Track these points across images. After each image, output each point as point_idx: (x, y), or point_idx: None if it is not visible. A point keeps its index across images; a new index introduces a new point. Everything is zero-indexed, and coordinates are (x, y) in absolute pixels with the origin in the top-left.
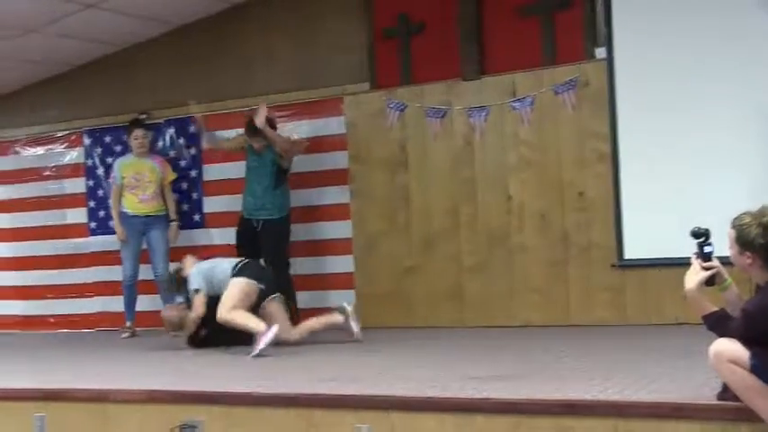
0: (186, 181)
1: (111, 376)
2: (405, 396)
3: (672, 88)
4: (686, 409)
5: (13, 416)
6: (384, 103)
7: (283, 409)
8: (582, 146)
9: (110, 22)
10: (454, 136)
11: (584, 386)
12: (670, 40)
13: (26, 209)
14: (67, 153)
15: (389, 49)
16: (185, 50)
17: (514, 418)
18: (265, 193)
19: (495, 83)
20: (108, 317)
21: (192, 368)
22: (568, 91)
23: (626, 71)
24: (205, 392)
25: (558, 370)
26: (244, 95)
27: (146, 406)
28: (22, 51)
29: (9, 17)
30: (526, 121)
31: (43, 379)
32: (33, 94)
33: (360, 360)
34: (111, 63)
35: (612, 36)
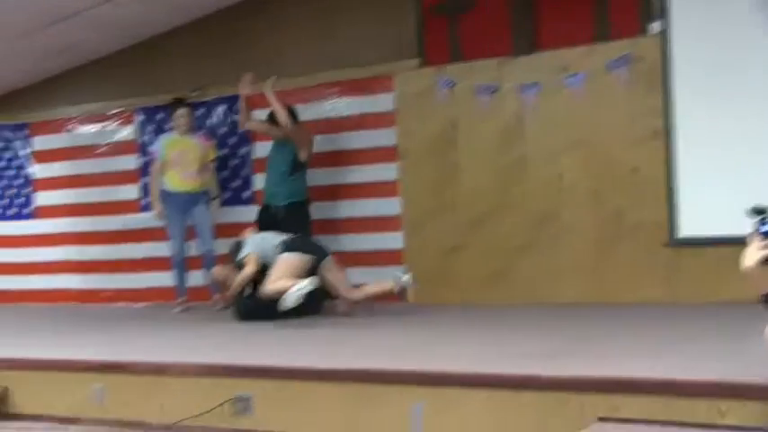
0: (236, 158)
1: (166, 350)
2: (455, 372)
3: (728, 63)
4: (739, 389)
5: (73, 386)
6: (433, 80)
7: (335, 384)
8: (635, 122)
9: None
10: (504, 113)
11: (636, 364)
12: (727, 15)
13: (81, 185)
14: (120, 131)
15: (439, 25)
16: (238, 27)
17: (563, 394)
18: (281, 180)
19: (547, 59)
20: (159, 292)
21: (246, 342)
22: (621, 67)
23: (681, 46)
24: (258, 366)
25: (609, 348)
26: (298, 74)
27: (200, 379)
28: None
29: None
30: (578, 97)
31: (101, 351)
32: (89, 73)
33: (410, 337)
34: (164, 41)
35: (667, 10)
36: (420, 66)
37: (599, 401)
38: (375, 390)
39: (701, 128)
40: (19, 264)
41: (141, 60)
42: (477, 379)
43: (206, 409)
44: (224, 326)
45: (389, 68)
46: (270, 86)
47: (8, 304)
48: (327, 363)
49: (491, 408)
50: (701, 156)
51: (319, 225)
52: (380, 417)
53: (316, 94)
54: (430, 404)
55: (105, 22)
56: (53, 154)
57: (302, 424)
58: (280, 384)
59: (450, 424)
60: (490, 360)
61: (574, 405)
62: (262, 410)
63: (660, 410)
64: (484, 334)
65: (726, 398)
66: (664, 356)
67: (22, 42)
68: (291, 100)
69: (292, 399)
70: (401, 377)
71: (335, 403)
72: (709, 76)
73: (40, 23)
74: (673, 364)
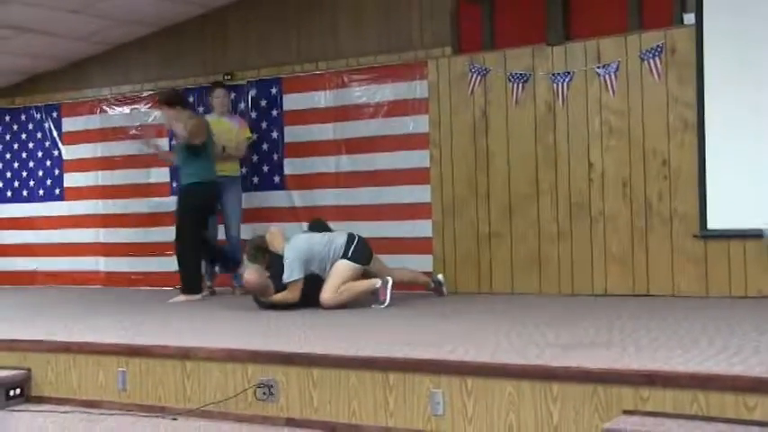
0: (267, 143)
1: (192, 334)
2: (480, 362)
3: (762, 57)
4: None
5: (98, 369)
6: (466, 67)
7: (359, 372)
8: (667, 113)
9: None
10: (536, 102)
11: (664, 356)
12: (762, 7)
13: (113, 167)
14: (152, 113)
15: (473, 13)
16: (273, 13)
17: (591, 386)
18: (183, 164)
19: (580, 48)
20: None
21: (271, 328)
22: (654, 57)
23: (715, 38)
24: (283, 352)
25: (638, 340)
26: (331, 57)
27: (225, 364)
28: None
29: None
30: (610, 87)
31: (126, 334)
32: (122, 55)
33: (437, 325)
34: (198, 24)
35: (702, 1)
36: (453, 53)
37: (628, 394)
38: (397, 378)
39: (732, 121)
40: (46, 245)
41: (172, 44)
42: (503, 370)
43: (230, 394)
44: (249, 312)
45: (424, 55)
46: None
47: (35, 286)
48: (354, 350)
49: (517, 398)
50: (732, 149)
51: (348, 211)
52: (405, 405)
53: (348, 80)
54: (456, 393)
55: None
56: (83, 135)
57: (325, 411)
58: (304, 371)
59: (475, 414)
60: (518, 350)
61: (602, 397)
62: (285, 397)
63: (687, 404)
64: (512, 323)
65: (754, 392)
66: (694, 349)
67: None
68: (323, 85)
69: (316, 386)
70: (424, 366)
71: (358, 390)
72: (741, 70)
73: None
74: (701, 357)
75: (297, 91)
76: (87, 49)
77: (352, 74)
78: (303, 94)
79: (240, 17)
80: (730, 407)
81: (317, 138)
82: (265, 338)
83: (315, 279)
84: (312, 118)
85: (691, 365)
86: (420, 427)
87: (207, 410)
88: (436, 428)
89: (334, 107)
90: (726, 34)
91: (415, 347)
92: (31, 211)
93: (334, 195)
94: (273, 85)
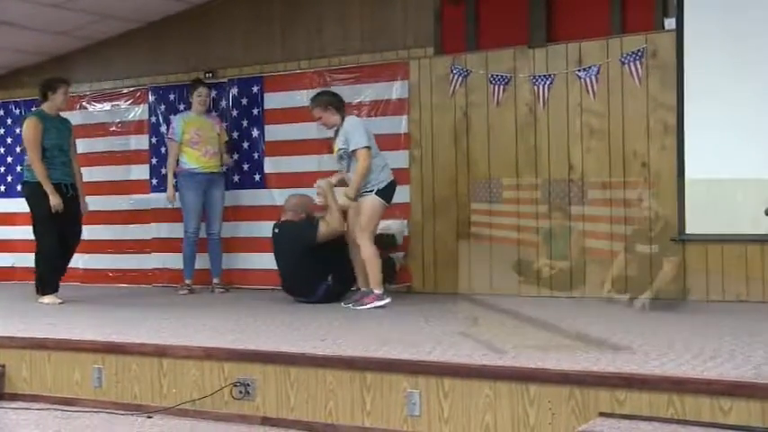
0: (248, 141)
1: (169, 332)
2: (457, 362)
3: (741, 62)
4: (744, 387)
5: (73, 366)
6: (448, 68)
7: (337, 372)
8: (647, 117)
9: None
10: (518, 103)
11: (641, 360)
12: (740, 13)
13: (92, 164)
14: (132, 109)
15: (457, 14)
16: (257, 11)
17: (568, 388)
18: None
19: (562, 51)
20: (166, 273)
21: (249, 327)
22: (635, 61)
23: (695, 43)
24: (260, 351)
25: (616, 342)
26: (314, 56)
27: (202, 362)
28: (99, 7)
29: None
30: (591, 90)
31: (103, 331)
32: (104, 50)
33: (415, 326)
34: (181, 21)
35: (683, 6)
36: (436, 54)
37: (605, 396)
38: (375, 378)
39: (712, 125)
40: (25, 241)
41: (155, 40)
42: (479, 371)
43: (207, 393)
44: (227, 310)
45: (406, 55)
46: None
47: (13, 282)
48: (331, 350)
49: (494, 399)
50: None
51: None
52: (381, 405)
53: (329, 79)
54: (433, 394)
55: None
56: None
57: (302, 411)
58: (281, 370)
59: (452, 415)
60: (495, 350)
61: (579, 398)
62: (262, 396)
63: (663, 407)
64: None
65: (729, 396)
66: (671, 353)
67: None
68: (305, 84)
69: (293, 384)
70: (402, 366)
71: (336, 390)
72: (721, 75)
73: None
74: (678, 361)
75: (278, 89)
76: (69, 44)
77: (333, 73)
78: (285, 93)
79: (224, 14)
80: (706, 410)
81: (299, 137)
82: (243, 337)
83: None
84: (294, 117)
85: (667, 369)
86: (397, 428)
87: (183, 409)
88: (412, 429)
89: None
90: (706, 39)
91: (393, 348)
92: (9, 207)
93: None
94: (255, 84)
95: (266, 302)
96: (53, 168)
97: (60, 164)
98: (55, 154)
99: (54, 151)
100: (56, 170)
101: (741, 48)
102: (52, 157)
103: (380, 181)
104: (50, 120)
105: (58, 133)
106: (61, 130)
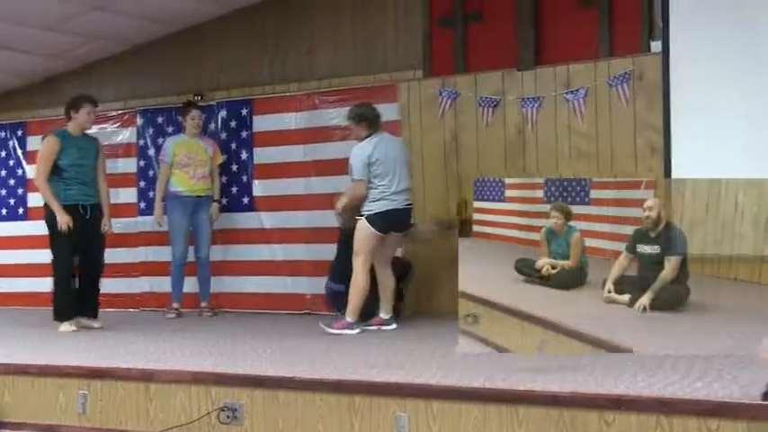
0: (236, 164)
1: (156, 357)
2: (446, 385)
3: (728, 84)
4: (730, 407)
5: (58, 391)
6: (437, 90)
7: (325, 395)
8: (635, 138)
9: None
10: (506, 125)
11: (629, 380)
12: (726, 35)
13: None
14: (121, 132)
15: (446, 36)
16: (246, 33)
17: (557, 410)
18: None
19: (550, 73)
20: (154, 297)
21: (237, 350)
22: (623, 84)
23: (681, 65)
24: (248, 375)
25: (606, 363)
26: (305, 79)
27: (189, 387)
28: (86, 29)
29: None
30: (579, 112)
31: (88, 356)
32: (94, 72)
33: (404, 348)
34: (169, 43)
35: (669, 30)
36: (425, 76)
37: (593, 418)
38: (363, 401)
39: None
40: (9, 265)
41: (144, 62)
42: (468, 393)
43: (194, 417)
44: (215, 334)
45: (395, 78)
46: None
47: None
48: (317, 373)
49: (483, 422)
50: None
51: (318, 233)
52: (370, 429)
53: (318, 102)
54: (421, 417)
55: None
56: None
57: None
58: (269, 394)
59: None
60: (485, 373)
61: (568, 421)
62: (250, 420)
63: (651, 428)
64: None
65: (716, 417)
66: (659, 374)
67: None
68: (294, 107)
69: (281, 408)
70: (390, 389)
71: (324, 413)
72: (707, 97)
73: (42, 25)
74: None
75: (267, 112)
76: (58, 67)
77: (323, 96)
78: (274, 116)
79: (213, 36)
80: (693, 431)
81: (287, 159)
82: (231, 361)
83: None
84: (282, 139)
85: (655, 389)
86: None
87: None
88: None
89: (304, 129)
90: (692, 61)
91: (381, 371)
92: None
93: (304, 217)
94: (244, 106)
95: (254, 326)
96: (69, 188)
97: (78, 183)
98: (72, 174)
99: (71, 171)
100: (72, 189)
101: (727, 69)
102: (69, 177)
103: (371, 209)
104: (73, 139)
105: (80, 152)
106: (85, 149)
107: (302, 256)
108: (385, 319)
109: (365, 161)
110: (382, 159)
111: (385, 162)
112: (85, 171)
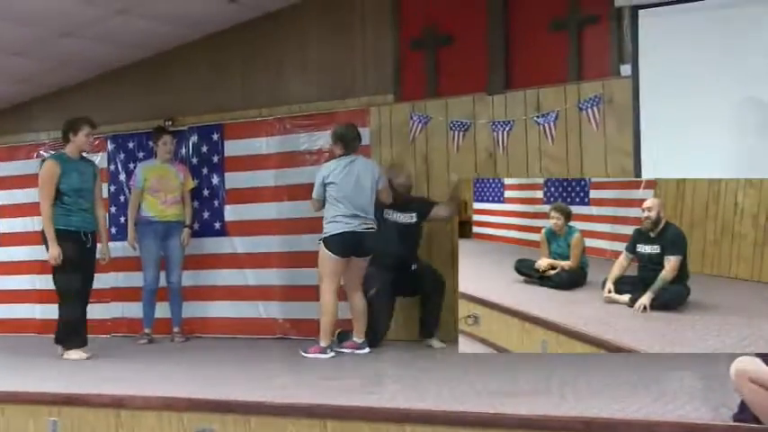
0: (208, 189)
1: (127, 382)
2: (420, 409)
3: (696, 106)
4: (700, 429)
5: (28, 418)
6: (408, 115)
7: (299, 420)
8: (606, 162)
9: (142, 27)
10: (477, 149)
11: (602, 404)
12: (695, 59)
13: None
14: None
15: (416, 60)
16: (217, 58)
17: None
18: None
19: (520, 97)
20: (125, 323)
21: (209, 376)
22: (593, 107)
23: (650, 89)
24: (221, 400)
25: (577, 387)
26: (275, 104)
27: (161, 413)
28: (56, 54)
29: (48, 19)
30: (550, 135)
31: (58, 383)
32: (63, 98)
33: (379, 373)
34: (139, 68)
35: (638, 53)
36: (396, 101)
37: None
38: (338, 426)
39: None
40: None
41: (115, 87)
42: (442, 417)
43: None
44: (186, 359)
45: (366, 102)
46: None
47: None
48: (291, 397)
49: None
50: None
51: (291, 257)
52: None
53: (290, 126)
54: None
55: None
56: (19, 181)
57: None
58: (241, 419)
59: None
60: (458, 398)
61: None
62: None
63: None
64: (453, 371)
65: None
66: (632, 396)
67: None
68: (265, 132)
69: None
70: (364, 413)
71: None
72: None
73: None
74: (638, 404)
75: (239, 137)
76: (28, 92)
77: (294, 120)
78: (245, 140)
79: (183, 61)
80: None
81: (259, 184)
82: (203, 386)
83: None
84: (254, 164)
85: (628, 412)
86: None
87: None
88: None
89: (275, 153)
90: (660, 84)
91: (355, 395)
92: None
93: (276, 242)
94: (215, 131)
95: (226, 351)
96: (71, 215)
97: (79, 210)
98: (74, 199)
99: (73, 196)
100: (74, 216)
101: (694, 91)
102: (71, 202)
103: (326, 231)
104: (71, 163)
105: (80, 176)
106: (84, 173)
107: (274, 281)
108: (358, 343)
109: (320, 182)
110: (338, 183)
111: (341, 186)
112: (86, 196)
